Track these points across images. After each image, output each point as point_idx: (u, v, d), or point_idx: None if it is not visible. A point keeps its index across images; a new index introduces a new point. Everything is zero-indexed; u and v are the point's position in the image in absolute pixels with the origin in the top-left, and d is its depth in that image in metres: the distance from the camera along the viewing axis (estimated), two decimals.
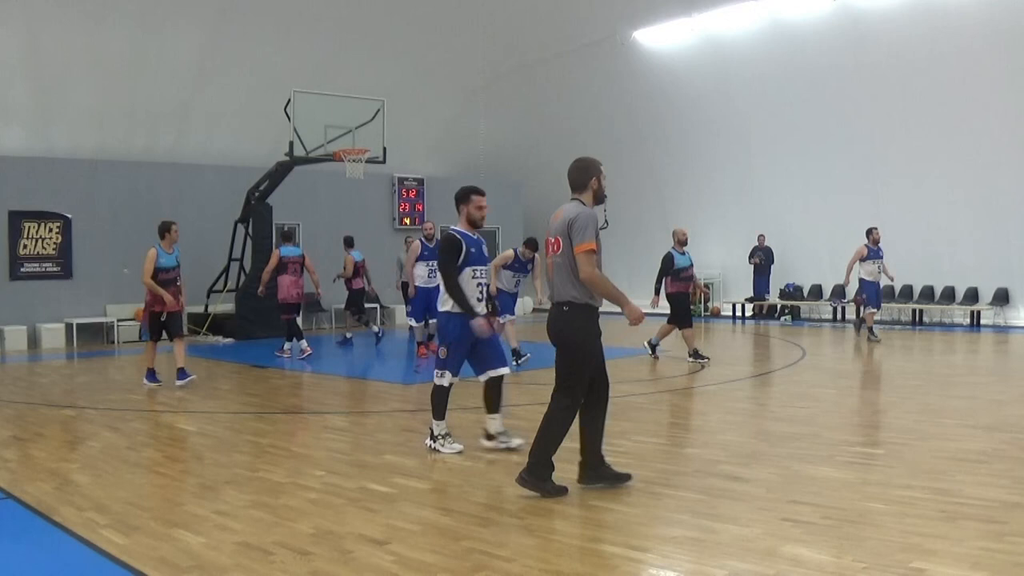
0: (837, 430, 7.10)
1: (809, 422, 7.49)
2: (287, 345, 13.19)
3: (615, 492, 5.26)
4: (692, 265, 12.25)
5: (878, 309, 14.52)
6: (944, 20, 15.54)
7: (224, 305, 16.02)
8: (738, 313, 20.14)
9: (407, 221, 20.58)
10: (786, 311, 19.31)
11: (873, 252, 14.18)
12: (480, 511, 4.89)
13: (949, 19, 15.48)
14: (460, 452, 6.38)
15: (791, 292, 19.35)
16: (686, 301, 12.05)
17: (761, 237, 19.64)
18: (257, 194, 16.16)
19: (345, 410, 8.55)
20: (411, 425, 7.92)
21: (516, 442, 6.39)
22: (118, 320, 15.84)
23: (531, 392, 9.52)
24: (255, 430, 7.64)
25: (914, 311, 17.55)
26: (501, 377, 6.56)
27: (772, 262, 19.61)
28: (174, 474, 5.89)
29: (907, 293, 17.81)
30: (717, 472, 5.72)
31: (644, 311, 5.80)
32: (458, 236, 6.56)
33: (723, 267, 20.88)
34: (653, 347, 12.24)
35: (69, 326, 15.36)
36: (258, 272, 16.14)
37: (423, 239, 12.73)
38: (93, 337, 15.81)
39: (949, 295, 17.21)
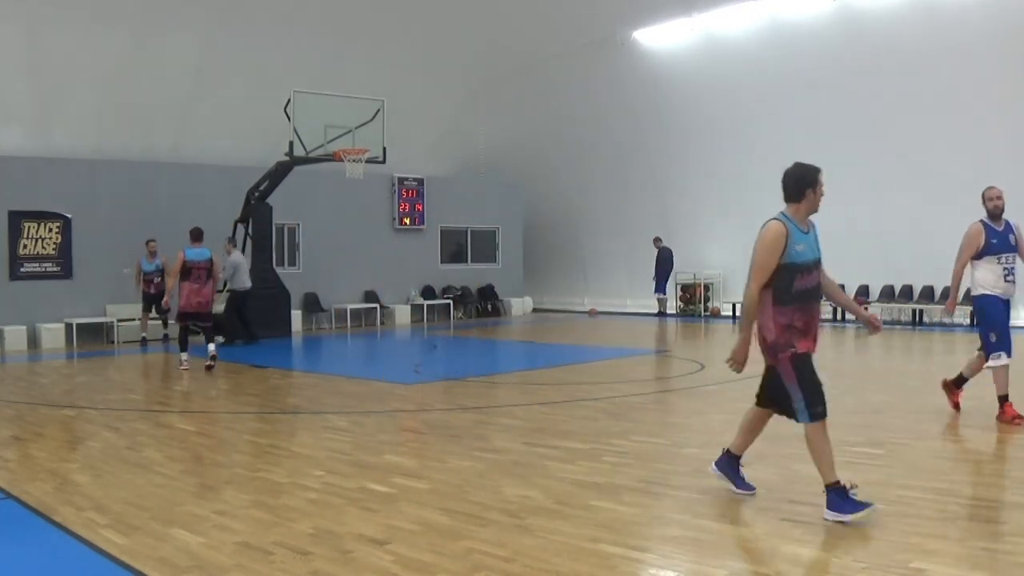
0: (837, 430, 7.05)
1: None
2: (184, 356, 11.68)
3: (615, 492, 5.26)
4: None
5: None
6: (944, 20, 15.55)
7: (221, 305, 15.99)
8: (738, 313, 20.10)
9: (407, 221, 20.59)
10: None
11: None
12: (480, 511, 4.89)
13: (949, 19, 15.48)
14: None
15: None
16: None
17: (657, 239, 20.58)
18: (257, 194, 16.16)
19: (345, 410, 8.55)
20: (411, 425, 7.92)
21: None
22: (118, 320, 15.83)
23: (531, 392, 9.52)
24: (255, 430, 7.63)
25: (914, 311, 17.55)
26: None
27: (668, 261, 20.50)
28: (174, 474, 5.89)
29: (907, 293, 17.82)
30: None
31: None
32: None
33: (723, 267, 20.88)
34: None
35: (69, 326, 15.36)
36: (262, 272, 16.15)
37: (987, 221, 7.51)
38: (93, 337, 15.80)
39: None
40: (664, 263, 20.68)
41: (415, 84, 20.59)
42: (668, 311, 20.80)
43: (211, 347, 11.77)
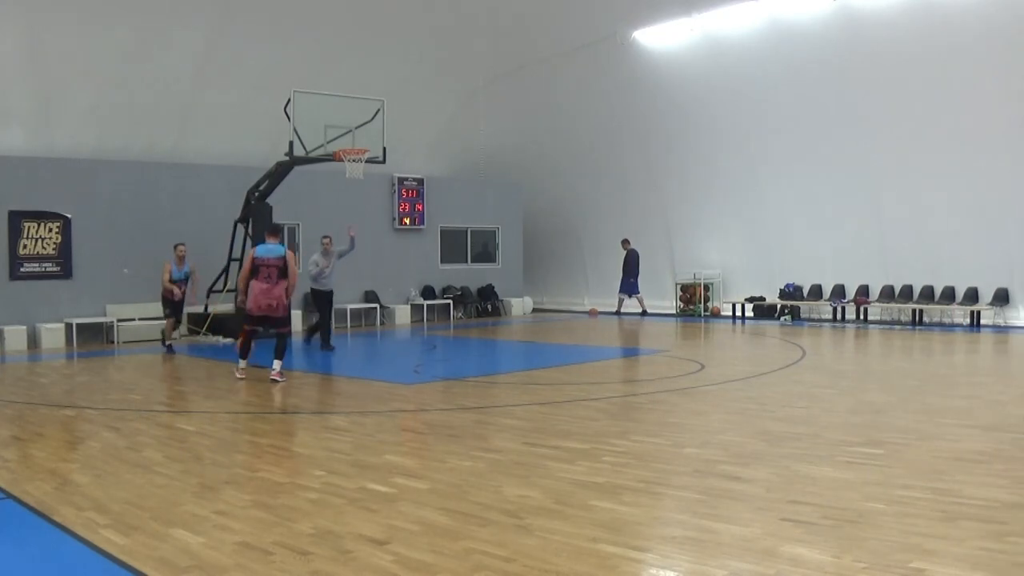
0: (837, 430, 7.10)
1: (809, 422, 7.50)
2: (242, 364, 10.77)
3: (615, 492, 5.26)
4: None
5: None
6: (944, 20, 15.55)
7: (224, 305, 16.02)
8: (738, 313, 20.15)
9: (407, 221, 20.59)
10: (786, 311, 19.32)
11: None
12: (480, 511, 4.89)
13: (948, 19, 15.48)
14: None
15: (791, 292, 19.36)
16: None
17: (625, 241, 21.09)
18: (257, 194, 16.15)
19: (345, 410, 8.55)
20: (411, 425, 7.93)
21: None
22: (118, 320, 15.83)
23: (531, 392, 9.52)
24: (255, 430, 7.63)
25: (914, 311, 17.55)
26: None
27: (634, 263, 21.01)
28: (174, 474, 5.89)
29: (907, 293, 17.81)
30: (717, 472, 5.71)
31: None
32: None
33: (723, 267, 20.90)
34: None
35: (69, 326, 15.35)
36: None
37: None
38: (93, 337, 15.80)
39: (949, 295, 17.21)
40: (632, 264, 21.08)
41: (415, 84, 20.58)
42: (627, 311, 21.21)
43: (276, 363, 10.49)
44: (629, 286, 21.16)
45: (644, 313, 21.01)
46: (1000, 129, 15.57)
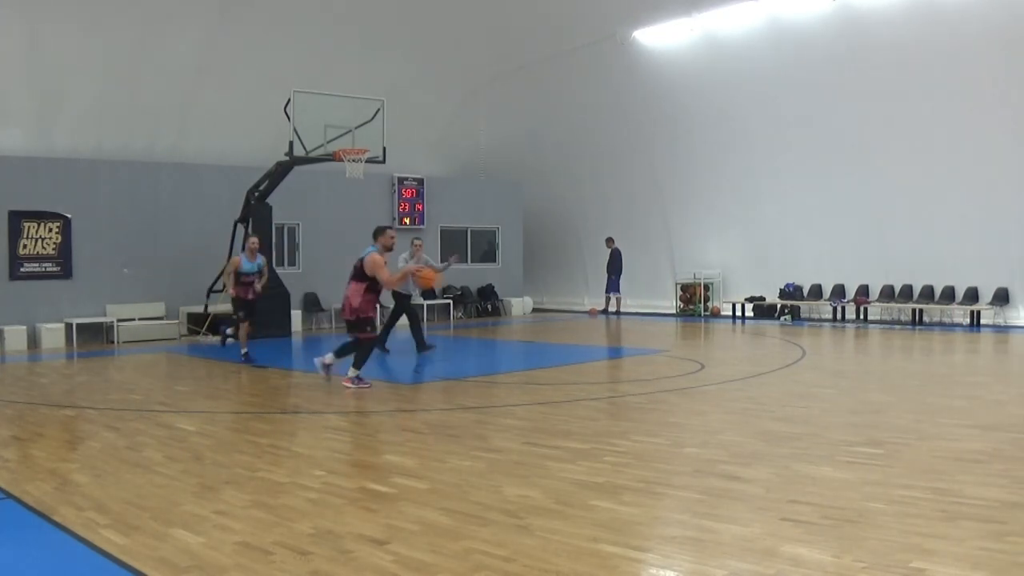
0: (837, 430, 7.10)
1: (809, 422, 7.50)
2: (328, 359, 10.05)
3: (615, 492, 5.26)
4: None
5: None
6: (944, 20, 15.55)
7: (224, 305, 16.01)
8: (738, 313, 20.15)
9: (407, 221, 20.59)
10: (786, 311, 19.32)
11: None
12: (480, 511, 4.89)
13: (949, 19, 15.48)
14: None
15: (791, 292, 19.36)
16: None
17: (609, 240, 21.32)
18: (257, 194, 16.15)
19: (345, 410, 8.55)
20: (411, 425, 7.92)
21: None
22: (118, 320, 15.83)
23: (531, 392, 9.52)
24: (255, 430, 7.63)
25: (914, 311, 17.55)
26: None
27: (617, 263, 21.20)
28: (174, 474, 5.89)
29: (907, 293, 17.81)
30: (717, 472, 5.71)
31: None
32: None
33: (723, 267, 20.90)
34: None
35: (69, 326, 15.36)
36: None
37: None
38: (93, 337, 15.81)
39: (949, 295, 17.21)
40: (615, 263, 21.19)
41: (415, 84, 20.58)
42: (621, 310, 21.38)
43: (350, 370, 9.81)
44: (613, 284, 21.30)
45: (607, 312, 21.30)
46: (1000, 129, 15.57)
